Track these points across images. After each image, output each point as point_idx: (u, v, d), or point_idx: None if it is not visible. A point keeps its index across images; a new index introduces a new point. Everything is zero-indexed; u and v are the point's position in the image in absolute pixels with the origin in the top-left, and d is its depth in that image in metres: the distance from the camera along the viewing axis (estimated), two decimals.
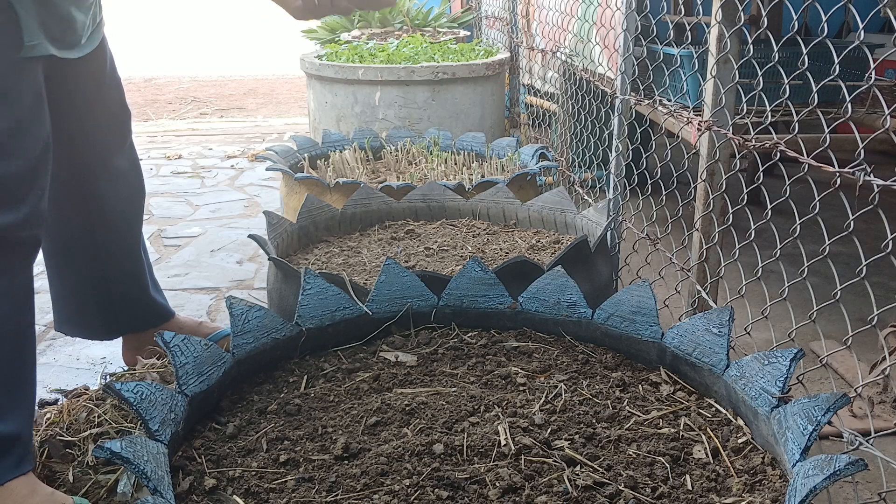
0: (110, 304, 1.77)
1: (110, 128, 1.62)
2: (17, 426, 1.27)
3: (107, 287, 1.75)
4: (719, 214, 1.77)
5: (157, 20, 13.09)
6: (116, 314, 1.79)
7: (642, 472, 1.13)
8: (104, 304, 1.77)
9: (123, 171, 1.68)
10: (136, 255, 1.80)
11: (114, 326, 1.82)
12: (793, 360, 1.19)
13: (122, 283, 1.78)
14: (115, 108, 1.63)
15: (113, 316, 1.78)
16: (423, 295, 1.60)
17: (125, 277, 1.78)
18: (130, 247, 1.77)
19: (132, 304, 1.81)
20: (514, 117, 4.56)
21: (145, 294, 1.83)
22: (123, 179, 1.68)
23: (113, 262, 1.74)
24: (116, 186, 1.67)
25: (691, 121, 1.75)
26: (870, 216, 1.16)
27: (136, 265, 1.80)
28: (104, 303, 1.77)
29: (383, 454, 1.15)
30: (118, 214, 1.71)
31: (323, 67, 3.30)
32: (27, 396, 1.33)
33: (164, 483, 1.00)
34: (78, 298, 1.74)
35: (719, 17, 1.64)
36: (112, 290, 1.76)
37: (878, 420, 1.69)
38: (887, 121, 1.21)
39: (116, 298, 1.78)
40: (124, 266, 1.77)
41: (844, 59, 1.27)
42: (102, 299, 1.76)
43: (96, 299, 1.76)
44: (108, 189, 1.65)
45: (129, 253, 1.77)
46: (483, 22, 5.14)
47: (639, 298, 1.47)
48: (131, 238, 1.77)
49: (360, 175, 2.63)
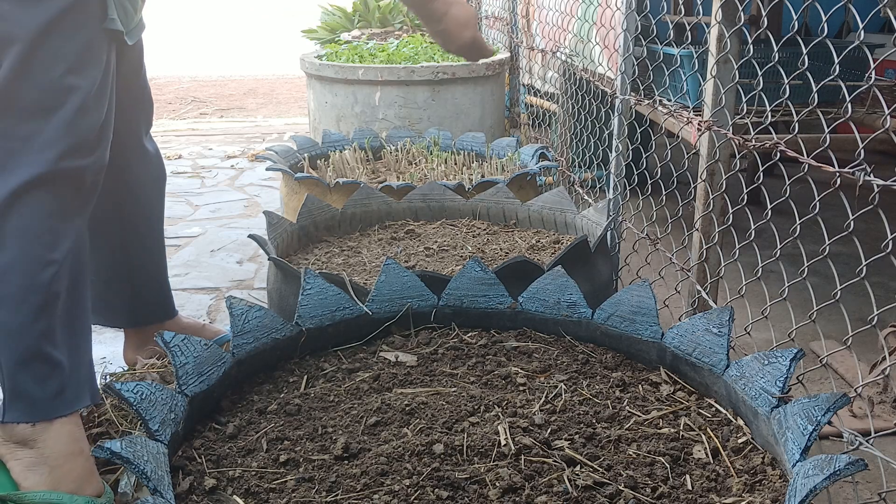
0: (134, 289, 1.82)
1: (143, 112, 1.76)
2: (64, 357, 1.35)
3: (132, 271, 1.81)
4: (719, 214, 1.77)
5: (156, 20, 13.09)
6: (139, 301, 1.84)
7: (642, 472, 1.14)
8: (128, 290, 1.82)
9: (151, 153, 1.80)
10: (160, 241, 1.87)
11: (134, 313, 1.86)
12: (793, 360, 1.19)
13: (146, 269, 1.83)
14: (147, 95, 1.78)
15: (136, 302, 1.84)
16: (423, 295, 1.60)
17: (150, 263, 1.84)
18: (154, 231, 1.85)
19: (154, 292, 1.87)
20: (514, 117, 4.56)
21: (166, 283, 1.89)
22: (151, 161, 1.80)
23: (139, 245, 1.81)
24: (145, 167, 1.78)
25: (691, 121, 1.75)
26: (870, 216, 1.16)
27: (159, 251, 1.87)
28: (128, 288, 1.82)
29: (383, 454, 1.15)
30: (145, 196, 1.80)
31: (323, 67, 3.30)
32: (80, 332, 1.41)
33: (164, 483, 1.00)
34: (103, 281, 1.79)
35: (719, 17, 1.64)
36: (137, 274, 1.82)
37: (878, 420, 1.69)
38: (887, 121, 1.21)
39: (140, 284, 1.83)
40: (149, 251, 1.83)
41: (844, 59, 1.27)
42: (126, 284, 1.81)
43: (120, 283, 1.81)
44: (138, 168, 1.76)
45: (153, 238, 1.84)
46: (483, 22, 5.14)
47: (639, 298, 1.47)
48: (155, 222, 1.85)
49: (360, 175, 2.63)
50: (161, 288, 1.88)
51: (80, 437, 1.37)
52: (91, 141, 1.37)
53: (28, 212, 1.31)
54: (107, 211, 1.71)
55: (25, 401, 1.32)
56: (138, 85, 1.73)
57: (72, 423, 1.36)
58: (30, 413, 1.32)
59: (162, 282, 1.88)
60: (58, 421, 1.33)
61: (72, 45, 1.32)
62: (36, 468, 1.31)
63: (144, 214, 1.81)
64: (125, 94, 1.65)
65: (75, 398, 1.37)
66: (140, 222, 1.80)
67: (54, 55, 1.31)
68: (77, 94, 1.33)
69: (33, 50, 1.28)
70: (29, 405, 1.32)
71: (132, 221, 1.79)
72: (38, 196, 1.31)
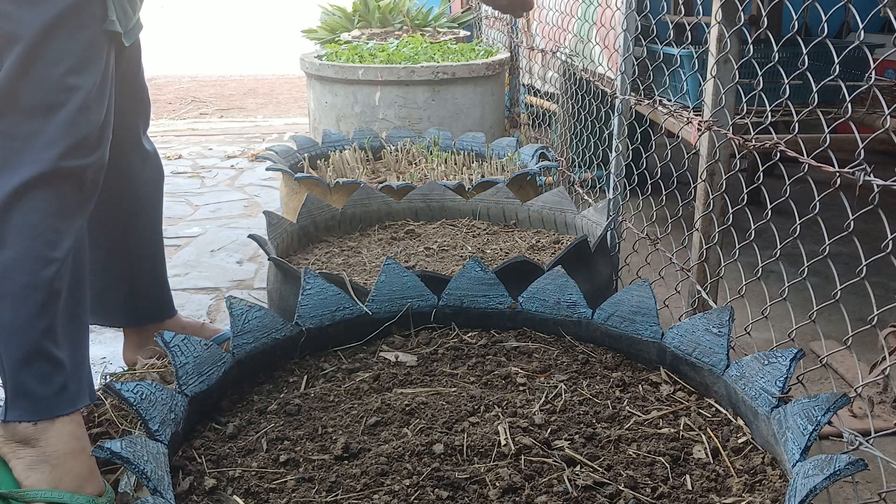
0: (133, 288, 1.84)
1: (141, 112, 1.79)
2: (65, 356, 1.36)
3: (131, 271, 1.83)
4: (719, 214, 1.77)
5: (156, 20, 13.09)
6: (138, 300, 1.86)
7: (642, 472, 1.14)
8: (128, 289, 1.84)
9: (150, 153, 1.82)
10: (159, 240, 1.89)
11: (133, 313, 1.88)
12: (793, 360, 1.19)
13: (145, 268, 1.85)
14: (145, 95, 1.80)
15: (135, 302, 1.86)
16: (423, 295, 1.60)
17: (149, 262, 1.86)
18: (154, 231, 1.87)
19: (153, 291, 1.88)
20: (514, 117, 4.56)
21: (165, 282, 1.91)
22: (149, 161, 1.82)
23: (138, 245, 1.83)
24: (144, 166, 1.81)
25: (691, 121, 1.75)
26: (870, 216, 1.16)
27: (158, 251, 1.89)
28: (127, 287, 1.84)
29: (383, 454, 1.15)
30: (144, 195, 1.82)
31: (323, 67, 3.30)
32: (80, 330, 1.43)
33: (164, 483, 1.00)
34: (102, 281, 1.81)
35: (719, 17, 1.64)
36: (136, 273, 1.84)
37: (878, 420, 1.69)
38: (887, 121, 1.21)
39: (139, 283, 1.85)
40: (148, 250, 1.85)
41: (844, 59, 1.27)
42: (126, 283, 1.83)
43: (120, 283, 1.83)
44: (137, 168, 1.79)
45: (152, 237, 1.86)
46: (483, 22, 5.14)
47: (639, 298, 1.47)
48: (155, 221, 1.87)
49: (360, 175, 2.63)
50: (160, 287, 1.89)
51: (81, 435, 1.37)
52: (92, 140, 1.39)
53: (30, 210, 1.32)
54: (106, 210, 1.72)
55: (27, 399, 1.32)
56: (136, 85, 1.75)
57: (73, 421, 1.36)
58: (32, 412, 1.33)
59: (161, 281, 1.89)
60: (59, 420, 1.34)
61: (73, 44, 1.34)
62: (37, 467, 1.32)
63: (143, 214, 1.83)
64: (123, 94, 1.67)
65: (77, 396, 1.38)
66: (139, 222, 1.82)
67: (56, 55, 1.32)
68: (78, 94, 1.34)
69: (35, 49, 1.30)
70: (31, 404, 1.33)
71: (131, 221, 1.80)
72: (40, 195, 1.32)
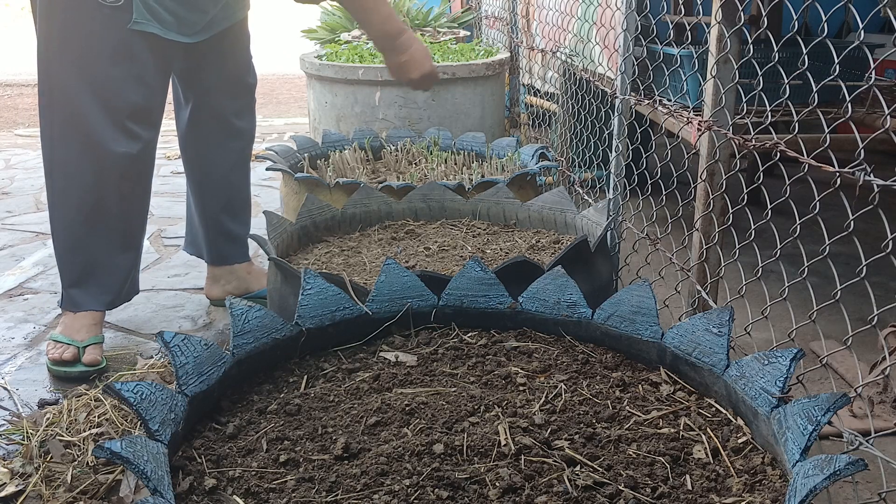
0: (209, 234, 2.36)
1: (235, 93, 2.25)
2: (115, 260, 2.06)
3: (208, 221, 2.34)
4: (719, 214, 1.77)
5: None
6: (214, 244, 2.38)
7: (642, 472, 1.14)
8: (207, 233, 2.37)
9: (240, 128, 2.29)
10: (234, 201, 2.36)
11: (211, 254, 2.40)
12: (793, 360, 1.19)
13: (219, 220, 2.34)
14: (235, 80, 2.25)
15: (212, 245, 2.38)
16: (423, 295, 1.60)
17: (221, 217, 2.34)
18: (230, 192, 2.34)
19: (226, 239, 2.38)
20: (514, 117, 4.56)
21: (236, 234, 2.39)
22: (238, 136, 2.30)
23: (214, 204, 2.32)
24: (229, 141, 2.28)
25: (691, 121, 1.75)
26: (870, 216, 1.16)
27: (231, 210, 2.36)
28: (207, 232, 2.37)
29: (383, 454, 1.15)
30: (224, 163, 2.29)
31: (323, 67, 3.30)
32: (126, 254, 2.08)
33: (164, 483, 1.00)
34: (196, 225, 2.40)
35: (719, 17, 1.64)
36: (211, 223, 2.34)
37: (878, 420, 1.70)
38: (887, 121, 1.21)
39: (214, 231, 2.36)
40: (221, 209, 2.33)
41: (844, 59, 1.27)
42: (205, 229, 2.36)
43: (202, 228, 2.37)
44: (223, 142, 2.27)
45: (229, 197, 2.34)
46: (483, 22, 5.14)
47: (639, 298, 1.47)
48: (233, 188, 2.34)
49: (360, 175, 2.63)
50: (230, 237, 2.37)
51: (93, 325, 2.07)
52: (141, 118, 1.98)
53: None
54: (196, 174, 2.29)
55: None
56: (226, 71, 2.20)
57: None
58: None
59: (231, 232, 2.37)
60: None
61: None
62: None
63: (222, 180, 2.31)
64: (209, 79, 2.15)
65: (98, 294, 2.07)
66: (218, 186, 2.30)
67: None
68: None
69: None
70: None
71: (212, 184, 2.30)
72: None
